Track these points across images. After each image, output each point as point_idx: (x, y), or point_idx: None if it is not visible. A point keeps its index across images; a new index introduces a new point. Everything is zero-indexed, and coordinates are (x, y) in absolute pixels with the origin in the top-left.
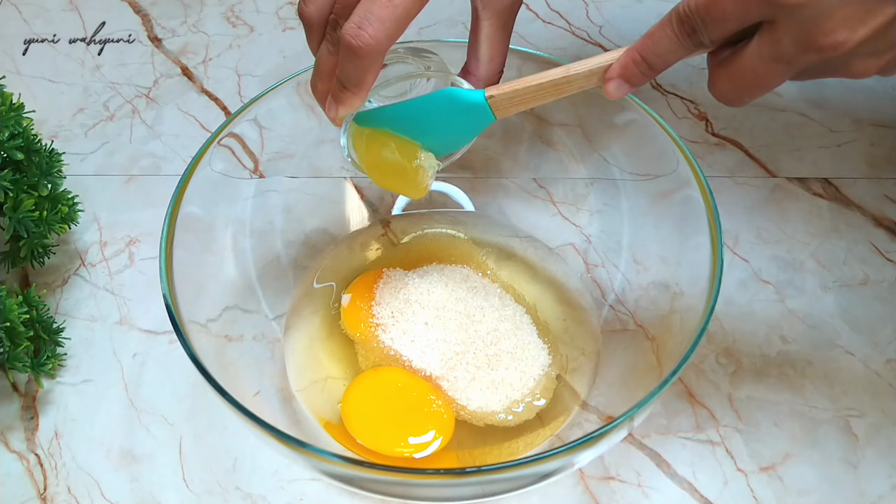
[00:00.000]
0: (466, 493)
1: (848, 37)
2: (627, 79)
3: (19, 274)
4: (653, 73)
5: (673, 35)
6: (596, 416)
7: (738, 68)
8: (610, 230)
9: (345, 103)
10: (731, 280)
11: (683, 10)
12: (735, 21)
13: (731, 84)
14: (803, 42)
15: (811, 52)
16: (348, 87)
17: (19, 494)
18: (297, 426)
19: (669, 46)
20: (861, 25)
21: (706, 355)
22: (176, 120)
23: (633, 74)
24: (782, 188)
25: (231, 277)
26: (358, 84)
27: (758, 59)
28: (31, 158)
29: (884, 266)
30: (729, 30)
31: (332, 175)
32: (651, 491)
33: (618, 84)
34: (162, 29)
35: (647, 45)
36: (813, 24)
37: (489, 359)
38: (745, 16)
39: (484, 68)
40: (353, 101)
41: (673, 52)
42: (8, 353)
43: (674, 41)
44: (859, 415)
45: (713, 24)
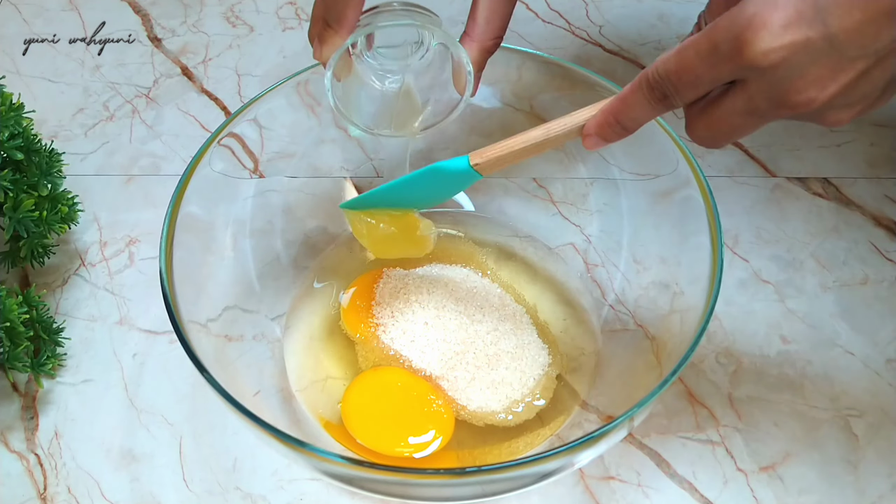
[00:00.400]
0: (466, 492)
1: (818, 94)
2: (603, 137)
3: (19, 274)
4: (627, 132)
5: (644, 100)
6: (596, 416)
7: (713, 119)
8: (610, 230)
9: (327, 41)
10: (731, 280)
11: (653, 76)
12: (707, 84)
13: (708, 132)
14: (776, 100)
15: (784, 109)
16: (331, 23)
17: (19, 494)
18: (297, 426)
19: (642, 110)
20: (831, 83)
21: (706, 355)
22: (176, 120)
23: (608, 133)
24: (782, 188)
25: (231, 277)
26: (339, 20)
27: (731, 113)
28: (30, 158)
29: (884, 266)
30: (700, 92)
31: (332, 175)
32: (651, 491)
33: (595, 141)
34: (162, 29)
35: (621, 108)
36: (785, 83)
37: (489, 359)
38: (717, 79)
39: (480, 30)
40: (334, 38)
41: (645, 115)
42: (8, 353)
43: (645, 105)
44: (859, 414)
45: (684, 89)
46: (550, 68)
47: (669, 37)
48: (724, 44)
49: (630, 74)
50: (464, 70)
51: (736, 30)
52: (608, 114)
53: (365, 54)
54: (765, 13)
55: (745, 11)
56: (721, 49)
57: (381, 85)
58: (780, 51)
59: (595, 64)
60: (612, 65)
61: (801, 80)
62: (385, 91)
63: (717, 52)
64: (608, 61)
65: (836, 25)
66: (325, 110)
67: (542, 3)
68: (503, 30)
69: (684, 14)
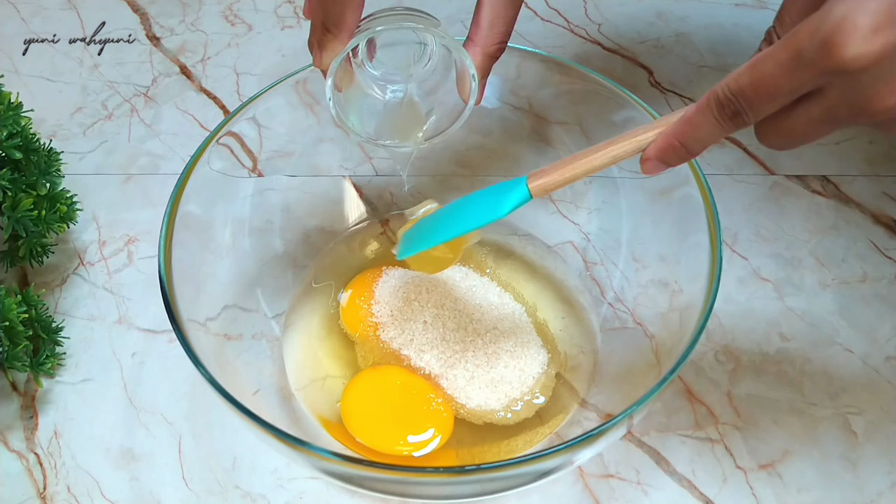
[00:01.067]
0: (466, 491)
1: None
2: (665, 161)
3: (18, 273)
4: (690, 155)
5: (713, 120)
6: (595, 414)
7: (787, 128)
8: (609, 228)
9: (327, 47)
10: (730, 278)
11: (723, 93)
12: (785, 96)
13: (781, 140)
14: (857, 107)
15: (863, 116)
16: (330, 28)
17: (19, 493)
18: (297, 425)
19: (710, 130)
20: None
21: (705, 353)
22: (174, 119)
23: (670, 157)
24: (781, 186)
25: (230, 276)
26: (338, 24)
27: (808, 121)
28: (29, 157)
29: (882, 263)
30: (777, 106)
31: (331, 174)
32: (650, 489)
33: (654, 165)
34: (160, 28)
35: (686, 130)
36: (869, 89)
37: (488, 357)
38: (798, 89)
39: (484, 34)
40: (334, 44)
41: (713, 136)
42: (7, 353)
43: (714, 125)
44: (858, 412)
45: (760, 103)
46: (549, 66)
47: (668, 35)
48: (810, 50)
49: (629, 72)
50: (468, 76)
51: (823, 34)
52: (671, 136)
53: (367, 64)
54: (855, 16)
55: (832, 15)
56: (805, 55)
57: (383, 95)
58: (870, 55)
59: (594, 62)
60: (611, 63)
61: (886, 86)
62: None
63: (800, 58)
64: (607, 59)
65: None
66: (323, 109)
67: (541, 1)
68: (508, 35)
69: (683, 12)
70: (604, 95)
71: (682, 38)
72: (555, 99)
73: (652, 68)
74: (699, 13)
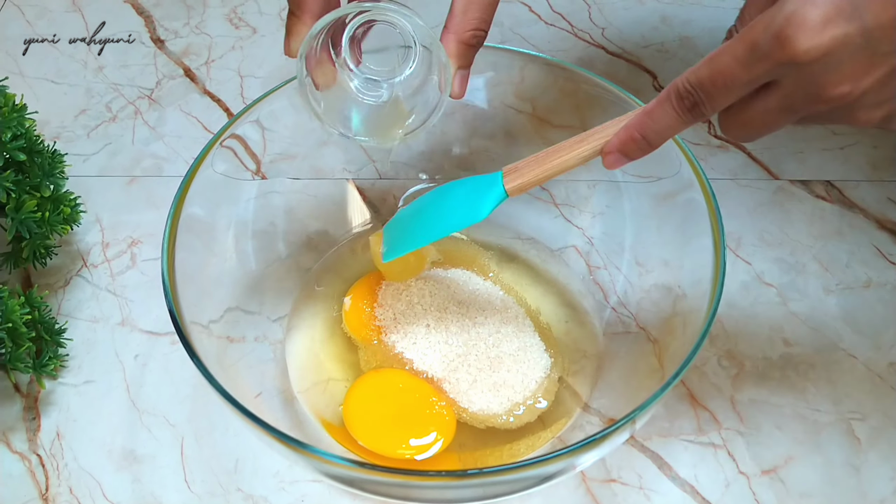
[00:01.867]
0: (468, 494)
1: (853, 88)
2: (626, 153)
3: (21, 275)
4: (651, 148)
5: (672, 111)
6: (598, 419)
7: (747, 118)
8: (612, 232)
9: (291, 31)
10: (734, 282)
11: (683, 85)
12: (741, 88)
13: (742, 130)
14: (812, 95)
15: (819, 104)
16: (294, 11)
17: (21, 495)
18: (299, 428)
19: (669, 122)
20: (865, 77)
21: (708, 358)
22: (178, 121)
23: (631, 149)
24: (785, 190)
25: (233, 279)
26: (300, 6)
27: (765, 111)
28: (33, 159)
29: (887, 269)
30: (734, 98)
31: (335, 176)
32: (653, 493)
33: (616, 158)
34: (164, 30)
35: (646, 122)
36: (821, 77)
37: (491, 361)
38: (753, 81)
39: (457, 21)
40: (298, 27)
41: (672, 128)
42: (10, 354)
43: (673, 117)
44: (862, 417)
45: (718, 95)
46: (553, 70)
47: (672, 39)
48: (763, 43)
49: (633, 76)
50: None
51: (775, 28)
52: (632, 129)
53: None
54: (804, 10)
55: (784, 10)
56: (760, 48)
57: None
58: (820, 47)
59: (598, 66)
60: (614, 67)
61: (837, 74)
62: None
63: (755, 51)
64: (611, 64)
65: (871, 21)
66: None
67: (544, 5)
68: (484, 21)
69: (687, 16)
70: (607, 99)
71: (685, 42)
72: (558, 103)
73: (656, 72)
74: (703, 17)
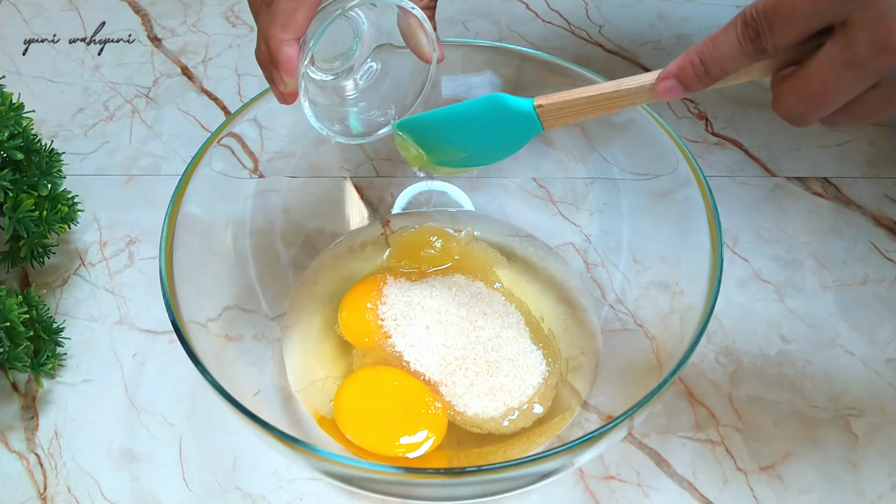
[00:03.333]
0: (467, 492)
1: None
2: (682, 80)
3: (19, 274)
4: (709, 79)
5: (735, 39)
6: (596, 416)
7: (805, 78)
8: (610, 230)
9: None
10: (731, 279)
11: (749, 12)
12: (803, 21)
13: (798, 97)
14: (879, 41)
15: (887, 54)
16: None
17: (19, 494)
18: (297, 426)
19: (730, 51)
20: None
21: (706, 355)
22: (176, 120)
23: (688, 76)
24: (782, 188)
25: (231, 277)
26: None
27: (828, 66)
28: (30, 158)
29: (883, 265)
30: (795, 32)
31: (332, 175)
32: (651, 490)
33: (672, 85)
34: (162, 29)
35: (708, 48)
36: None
37: (489, 365)
38: (815, 14)
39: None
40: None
41: (733, 59)
42: (8, 353)
43: (735, 46)
44: (859, 414)
45: (779, 26)
46: (550, 68)
47: (669, 36)
48: None
49: (630, 74)
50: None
51: None
52: (693, 53)
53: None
54: None
55: None
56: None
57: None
58: None
59: (595, 64)
60: (612, 64)
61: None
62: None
63: None
64: (608, 61)
65: None
66: None
67: (541, 2)
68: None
69: (683, 14)
70: None
71: (682, 39)
72: None
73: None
74: (700, 15)
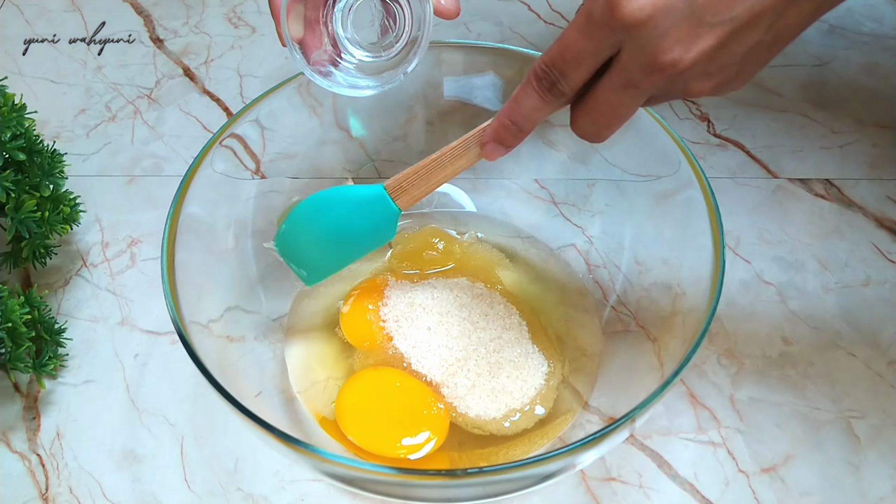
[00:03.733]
0: (468, 494)
1: (683, 55)
2: (501, 141)
3: (21, 274)
4: (522, 133)
5: (535, 93)
6: (597, 417)
7: (592, 102)
8: (612, 231)
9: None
10: (733, 281)
11: (539, 67)
12: (588, 58)
13: (590, 119)
14: (646, 63)
15: (654, 73)
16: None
17: (21, 495)
18: (299, 427)
19: (533, 104)
20: (693, 45)
21: (708, 356)
22: (178, 121)
23: (505, 137)
24: (784, 189)
25: (233, 278)
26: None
27: (609, 91)
28: (32, 159)
29: (886, 267)
30: (585, 71)
31: (334, 176)
32: (652, 492)
33: (493, 147)
34: (164, 30)
35: (514, 108)
36: (653, 44)
37: (491, 366)
38: (596, 50)
39: None
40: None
41: (537, 110)
42: (10, 354)
43: (536, 99)
44: (861, 416)
45: (569, 71)
46: None
47: None
48: (597, 10)
49: None
50: None
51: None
52: (503, 117)
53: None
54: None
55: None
56: (594, 16)
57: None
58: (644, 8)
59: None
60: None
61: (667, 39)
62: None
63: (591, 20)
64: None
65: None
66: (326, 111)
67: (543, 4)
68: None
69: None
70: None
71: None
72: None
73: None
74: None
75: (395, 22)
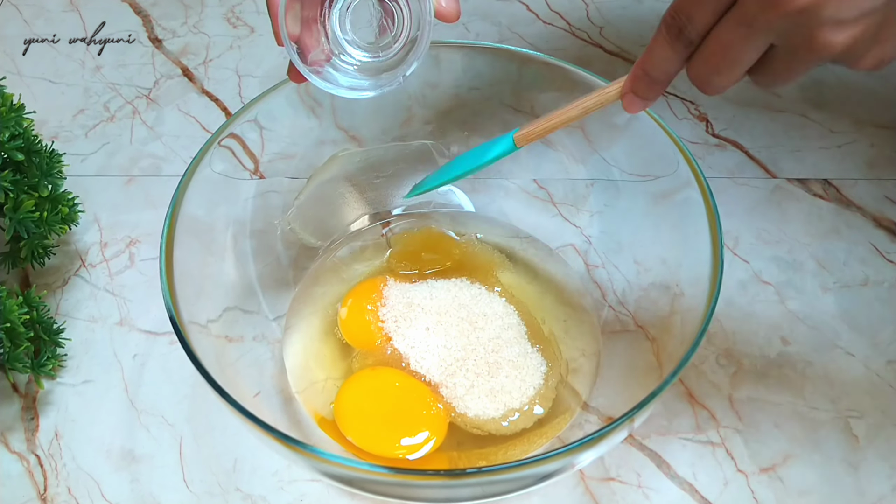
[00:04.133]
0: (467, 494)
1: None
2: (637, 92)
3: (20, 275)
4: (655, 84)
5: (665, 42)
6: (596, 417)
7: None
8: (610, 231)
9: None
10: (732, 281)
11: (668, 15)
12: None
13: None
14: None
15: (770, 9)
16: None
17: (20, 495)
18: (297, 427)
19: (664, 54)
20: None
21: (706, 356)
22: (176, 121)
23: (638, 87)
24: (783, 189)
25: (231, 278)
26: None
27: (724, 28)
28: (31, 159)
29: (884, 267)
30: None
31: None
32: (651, 492)
33: (631, 99)
34: (162, 30)
35: (646, 59)
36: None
37: (489, 366)
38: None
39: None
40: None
41: (669, 60)
42: (8, 354)
43: (666, 47)
44: (859, 416)
45: (695, 13)
46: (551, 69)
47: None
48: None
49: None
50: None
51: None
52: (636, 67)
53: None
54: None
55: None
56: None
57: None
58: None
59: (596, 65)
60: (612, 66)
61: None
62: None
63: None
64: (609, 62)
65: None
66: (325, 111)
67: (542, 4)
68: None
69: None
70: None
71: None
72: (557, 101)
73: None
74: None
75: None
